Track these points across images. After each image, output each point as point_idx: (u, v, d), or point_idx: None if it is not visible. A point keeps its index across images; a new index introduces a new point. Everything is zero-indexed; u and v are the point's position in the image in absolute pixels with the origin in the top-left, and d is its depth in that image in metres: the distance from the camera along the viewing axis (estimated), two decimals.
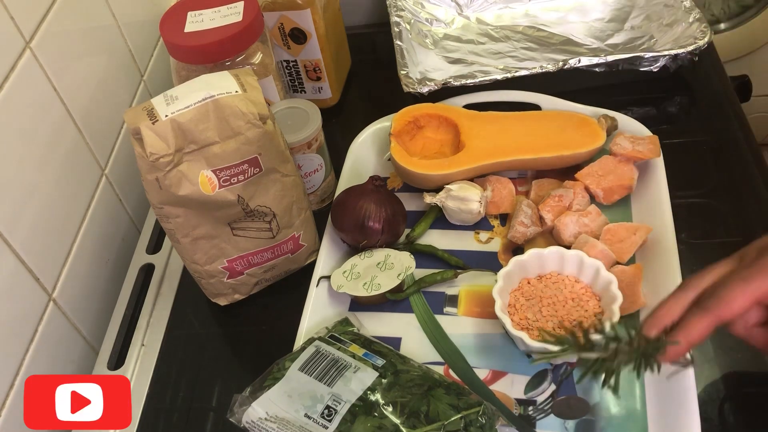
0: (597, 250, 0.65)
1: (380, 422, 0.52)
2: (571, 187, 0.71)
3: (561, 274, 0.64)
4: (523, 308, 0.62)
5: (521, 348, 0.61)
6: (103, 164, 0.79)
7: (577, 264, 0.63)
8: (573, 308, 0.61)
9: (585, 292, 0.62)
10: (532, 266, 0.64)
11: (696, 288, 0.50)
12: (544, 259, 0.64)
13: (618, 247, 0.66)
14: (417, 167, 0.73)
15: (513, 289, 0.64)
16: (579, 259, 0.63)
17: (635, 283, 0.62)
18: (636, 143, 0.72)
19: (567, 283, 0.63)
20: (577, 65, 0.80)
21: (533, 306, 0.62)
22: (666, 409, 0.56)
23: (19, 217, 0.63)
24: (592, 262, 0.62)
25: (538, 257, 0.64)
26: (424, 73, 0.89)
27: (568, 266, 0.64)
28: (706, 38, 0.79)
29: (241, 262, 0.68)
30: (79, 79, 0.75)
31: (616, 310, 0.58)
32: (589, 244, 0.65)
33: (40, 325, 0.66)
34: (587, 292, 0.62)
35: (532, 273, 0.64)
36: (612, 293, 0.60)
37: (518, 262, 0.63)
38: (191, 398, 0.66)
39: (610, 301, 0.60)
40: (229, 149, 0.59)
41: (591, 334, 0.48)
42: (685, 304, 0.49)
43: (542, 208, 0.70)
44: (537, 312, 0.62)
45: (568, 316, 0.61)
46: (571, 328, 0.52)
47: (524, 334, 0.58)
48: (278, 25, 0.83)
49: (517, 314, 0.62)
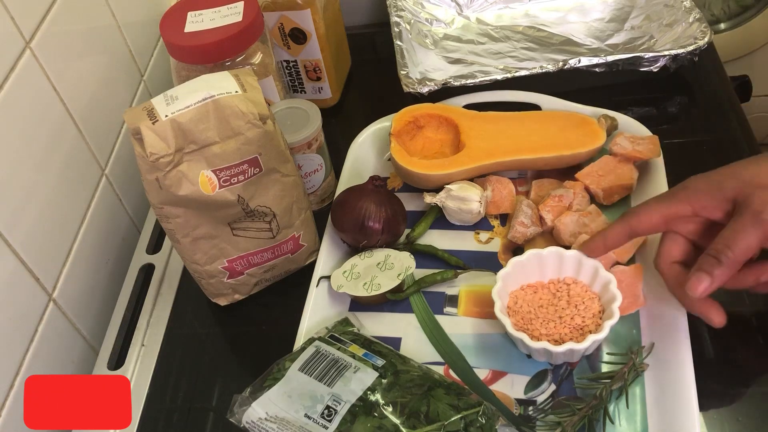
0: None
1: (380, 422, 0.52)
2: (571, 187, 0.71)
3: (560, 274, 0.64)
4: (523, 309, 0.62)
5: (522, 349, 0.61)
6: (103, 164, 0.79)
7: (576, 264, 0.63)
8: (573, 308, 0.61)
9: (584, 292, 0.62)
10: (531, 267, 0.64)
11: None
12: (543, 260, 0.64)
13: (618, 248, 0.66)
14: (417, 167, 0.73)
15: (512, 291, 0.64)
16: (577, 259, 0.63)
17: (635, 284, 0.62)
18: (636, 143, 0.72)
19: (566, 283, 0.63)
20: (577, 65, 0.80)
21: (533, 307, 0.62)
22: (666, 409, 0.56)
23: (19, 217, 0.63)
24: (591, 262, 0.62)
25: (537, 258, 0.63)
26: (424, 73, 0.89)
27: (567, 266, 0.63)
28: (706, 38, 0.79)
29: (241, 262, 0.68)
30: (79, 79, 0.75)
31: (616, 309, 0.58)
32: None
33: (40, 325, 0.66)
34: (587, 292, 0.62)
35: (531, 274, 0.64)
36: (611, 293, 0.60)
37: (517, 263, 0.63)
38: (191, 398, 0.66)
39: (609, 300, 0.60)
40: (229, 149, 0.59)
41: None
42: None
43: (542, 208, 0.70)
44: (537, 312, 0.61)
45: (568, 316, 0.61)
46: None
47: (524, 336, 0.58)
48: (278, 25, 0.83)
49: (517, 315, 0.62)
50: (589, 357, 0.61)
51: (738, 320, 0.63)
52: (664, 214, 0.57)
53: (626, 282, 0.62)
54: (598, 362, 0.60)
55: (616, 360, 0.59)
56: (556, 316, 0.61)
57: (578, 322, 0.60)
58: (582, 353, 0.59)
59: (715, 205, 0.55)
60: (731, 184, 0.54)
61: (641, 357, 0.59)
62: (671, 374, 0.57)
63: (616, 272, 0.62)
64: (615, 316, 0.58)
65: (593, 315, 0.60)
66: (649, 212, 0.58)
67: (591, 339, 0.57)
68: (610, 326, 0.57)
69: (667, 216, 0.57)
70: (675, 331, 0.59)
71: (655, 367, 0.58)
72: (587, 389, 0.58)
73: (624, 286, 0.62)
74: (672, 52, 0.79)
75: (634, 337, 0.61)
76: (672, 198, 0.58)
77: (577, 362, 0.60)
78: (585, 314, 0.60)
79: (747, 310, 0.63)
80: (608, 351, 0.61)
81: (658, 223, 0.58)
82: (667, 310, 0.60)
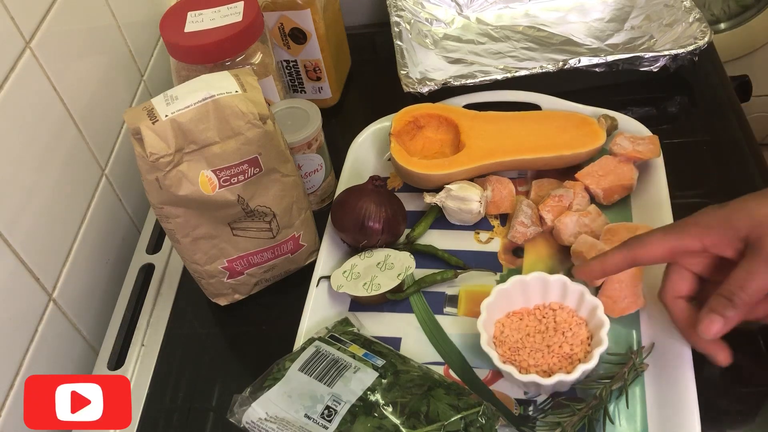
0: (597, 251, 0.64)
1: (380, 422, 0.52)
2: (571, 187, 0.71)
3: (545, 299, 0.62)
4: (510, 339, 0.60)
5: (510, 381, 0.60)
6: (103, 164, 0.79)
7: (561, 289, 0.61)
8: (560, 335, 0.60)
9: (571, 317, 0.61)
10: (516, 294, 0.62)
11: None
12: (528, 286, 0.62)
13: None
14: (417, 167, 0.73)
15: (498, 319, 0.62)
16: (562, 283, 0.61)
17: (635, 284, 0.62)
18: (636, 143, 0.72)
19: (552, 308, 0.62)
20: (577, 65, 0.80)
21: (520, 335, 0.60)
22: (666, 409, 0.56)
23: (19, 217, 0.63)
24: (576, 286, 0.60)
25: (521, 284, 0.62)
26: (424, 73, 0.89)
27: (552, 291, 0.62)
28: (706, 38, 0.79)
29: (241, 262, 0.68)
30: (79, 79, 0.75)
31: (605, 336, 0.57)
32: (590, 244, 0.65)
33: (40, 325, 0.66)
34: (573, 317, 0.61)
35: (515, 301, 0.62)
36: (598, 318, 0.58)
37: (501, 290, 0.61)
38: (191, 398, 0.66)
39: (597, 326, 0.58)
40: (229, 149, 0.59)
41: None
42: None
43: (542, 208, 0.70)
44: (524, 342, 0.60)
45: (555, 344, 0.59)
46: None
47: (513, 369, 0.56)
48: (278, 25, 0.84)
49: (504, 346, 0.60)
50: None
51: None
52: (673, 247, 0.56)
53: (626, 282, 0.62)
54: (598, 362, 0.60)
55: (616, 360, 0.59)
56: (543, 345, 0.59)
57: (566, 350, 0.58)
58: (572, 384, 0.58)
59: (726, 243, 0.54)
60: (744, 223, 0.53)
61: (641, 357, 0.59)
62: (671, 374, 0.57)
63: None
64: (604, 343, 0.56)
65: (581, 342, 0.59)
66: (656, 243, 0.56)
67: (581, 369, 0.55)
68: (599, 354, 0.56)
69: (675, 250, 0.56)
70: (675, 331, 0.58)
71: (655, 367, 0.58)
72: (587, 389, 0.58)
73: (624, 286, 0.61)
74: (672, 52, 0.79)
75: (634, 337, 0.61)
76: (681, 232, 0.56)
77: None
78: (573, 341, 0.59)
79: None
80: (608, 351, 0.61)
81: (664, 255, 0.56)
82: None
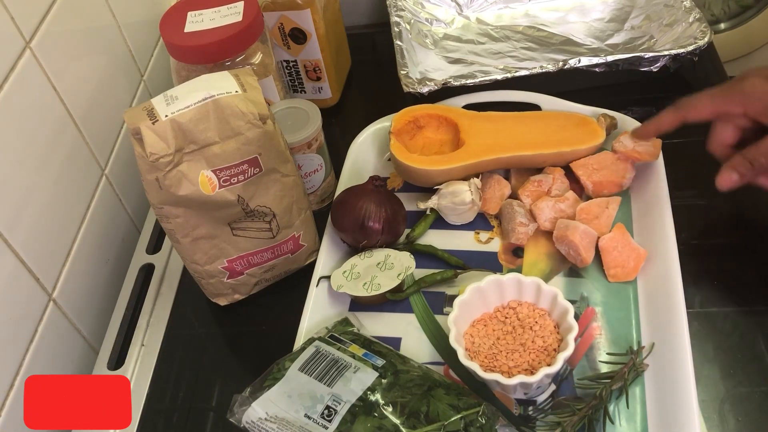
0: (580, 231, 0.65)
1: (380, 422, 0.52)
2: (551, 173, 0.72)
3: (520, 300, 0.63)
4: (483, 348, 0.60)
5: (497, 389, 0.59)
6: (103, 164, 0.79)
7: (535, 290, 0.61)
8: (529, 331, 0.60)
9: (533, 311, 0.61)
10: (491, 293, 0.62)
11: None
12: (503, 286, 0.62)
13: (596, 223, 0.68)
14: (416, 163, 0.73)
15: (474, 319, 0.62)
16: (536, 285, 0.61)
17: (627, 241, 0.65)
18: (638, 144, 0.72)
19: (511, 307, 0.62)
20: (577, 65, 0.80)
21: (491, 340, 0.60)
22: (666, 409, 0.56)
23: (19, 217, 0.63)
24: (549, 289, 0.61)
25: (496, 284, 0.62)
26: (424, 73, 0.89)
27: (526, 293, 0.62)
28: (706, 38, 0.79)
29: (241, 262, 0.68)
30: (79, 79, 0.75)
31: (571, 341, 0.56)
32: (571, 227, 0.66)
33: (40, 325, 0.66)
34: (534, 311, 0.61)
35: (491, 300, 0.63)
36: (568, 323, 0.58)
37: (476, 289, 0.61)
38: (191, 398, 0.66)
39: (566, 330, 0.58)
40: (229, 149, 0.59)
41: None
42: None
43: (521, 192, 0.70)
44: (498, 346, 0.60)
45: (528, 340, 0.59)
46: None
47: (498, 375, 0.56)
48: (278, 25, 0.84)
49: (480, 355, 0.60)
50: (588, 357, 0.61)
51: (738, 319, 0.63)
52: (717, 109, 0.62)
53: (621, 243, 0.64)
54: (598, 362, 0.60)
55: (616, 360, 0.59)
56: (517, 344, 0.59)
57: (540, 344, 0.59)
58: (558, 373, 0.57)
59: (761, 112, 0.59)
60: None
61: (641, 357, 0.59)
62: (671, 374, 0.57)
63: (605, 242, 0.65)
64: (570, 347, 0.56)
65: (551, 333, 0.59)
66: (703, 105, 0.63)
67: (561, 358, 0.55)
68: (563, 359, 0.56)
69: (719, 111, 0.62)
70: (675, 331, 0.58)
71: (655, 367, 0.58)
72: (587, 389, 0.58)
73: (621, 248, 0.64)
74: (672, 52, 0.79)
75: (634, 337, 0.61)
76: (727, 96, 0.62)
77: (576, 363, 0.60)
78: (543, 333, 0.59)
79: (747, 309, 0.64)
80: (608, 351, 0.61)
81: (708, 115, 0.63)
82: (667, 310, 0.60)
